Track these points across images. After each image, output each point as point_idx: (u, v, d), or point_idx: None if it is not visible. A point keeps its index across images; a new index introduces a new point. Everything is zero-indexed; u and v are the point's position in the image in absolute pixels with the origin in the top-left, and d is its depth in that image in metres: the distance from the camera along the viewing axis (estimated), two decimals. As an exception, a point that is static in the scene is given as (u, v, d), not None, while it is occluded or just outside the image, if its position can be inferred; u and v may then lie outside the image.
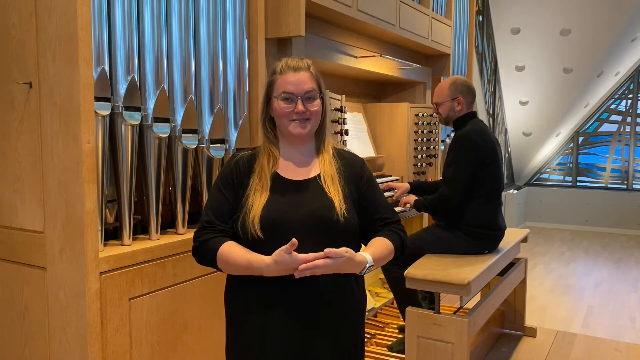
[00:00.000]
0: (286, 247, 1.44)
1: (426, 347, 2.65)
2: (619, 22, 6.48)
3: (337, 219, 1.55)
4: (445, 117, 3.17)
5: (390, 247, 1.63)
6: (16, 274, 1.94)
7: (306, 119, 1.62)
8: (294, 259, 1.44)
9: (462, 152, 2.99)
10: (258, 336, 1.59)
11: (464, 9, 4.80)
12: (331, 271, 1.48)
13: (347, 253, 1.48)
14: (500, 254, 3.10)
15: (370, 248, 1.61)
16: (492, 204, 3.07)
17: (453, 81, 3.15)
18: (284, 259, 1.44)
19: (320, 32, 3.04)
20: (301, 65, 1.64)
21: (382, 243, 1.63)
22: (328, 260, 1.45)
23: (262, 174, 1.63)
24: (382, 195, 1.73)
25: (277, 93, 1.62)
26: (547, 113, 7.89)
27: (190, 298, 2.12)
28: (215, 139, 2.28)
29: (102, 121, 1.86)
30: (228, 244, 1.57)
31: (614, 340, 3.85)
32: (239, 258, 1.53)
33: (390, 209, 1.72)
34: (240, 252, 1.54)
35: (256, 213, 1.56)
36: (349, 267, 1.50)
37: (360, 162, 1.74)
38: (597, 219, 8.49)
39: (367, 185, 1.69)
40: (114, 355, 1.84)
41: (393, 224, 1.69)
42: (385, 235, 1.65)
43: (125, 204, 1.95)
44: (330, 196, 1.59)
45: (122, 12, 1.89)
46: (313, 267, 1.44)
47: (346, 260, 1.48)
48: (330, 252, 1.45)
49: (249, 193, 1.61)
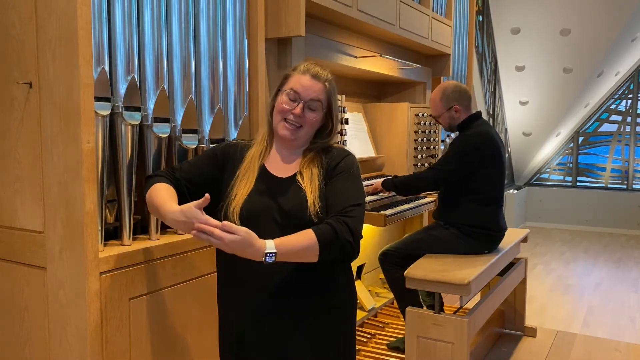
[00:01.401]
0: (198, 202, 1.42)
1: (426, 347, 2.65)
2: (619, 22, 6.48)
3: (310, 218, 1.55)
4: (448, 126, 3.19)
5: (310, 239, 1.47)
6: (16, 274, 1.94)
7: (299, 125, 1.62)
8: (197, 214, 1.40)
9: (458, 152, 3.01)
10: (237, 330, 1.64)
11: (464, 9, 4.80)
12: (227, 249, 1.38)
13: (246, 234, 1.37)
14: (500, 254, 3.10)
15: (284, 238, 1.47)
16: (493, 205, 3.08)
17: (442, 91, 3.13)
18: (189, 210, 1.42)
19: (320, 32, 3.04)
20: (322, 75, 1.64)
21: (301, 234, 1.48)
22: (223, 233, 1.35)
23: (250, 165, 1.66)
24: (344, 190, 1.59)
25: (286, 88, 1.63)
26: (547, 113, 7.89)
27: (190, 298, 2.12)
28: (215, 139, 2.28)
29: (102, 121, 1.86)
30: (167, 185, 1.62)
31: (614, 340, 3.85)
32: (160, 196, 1.57)
33: (345, 201, 1.56)
34: (165, 194, 1.58)
35: (238, 203, 1.58)
36: (244, 249, 1.38)
37: (343, 154, 1.68)
38: (597, 219, 8.49)
39: (333, 176, 1.62)
40: (114, 355, 1.84)
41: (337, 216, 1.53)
42: (314, 227, 1.50)
43: (125, 204, 1.95)
44: (305, 193, 1.58)
45: (122, 12, 1.89)
46: (209, 232, 1.35)
47: (242, 240, 1.37)
48: (227, 225, 1.36)
49: (234, 183, 1.63)
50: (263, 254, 1.41)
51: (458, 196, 3.07)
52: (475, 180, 3.01)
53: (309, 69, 1.64)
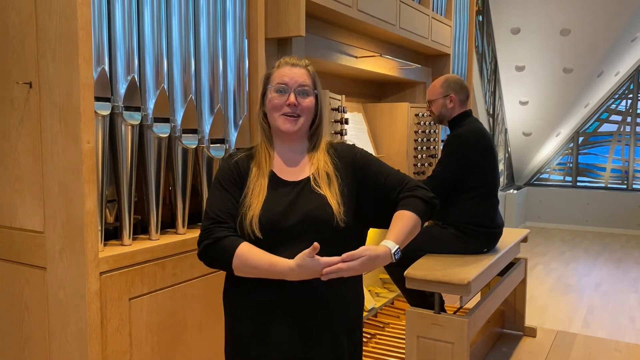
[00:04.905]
0: (308, 251, 1.41)
1: (426, 347, 2.65)
2: (619, 22, 6.48)
3: (337, 224, 1.54)
4: (438, 114, 3.19)
5: (412, 217, 1.57)
6: (16, 274, 1.94)
7: (297, 115, 1.61)
8: (316, 263, 1.41)
9: (453, 151, 3.02)
10: (257, 339, 1.59)
11: (464, 9, 4.80)
12: (357, 272, 1.45)
13: (367, 251, 1.44)
14: (500, 253, 3.10)
15: (392, 232, 1.55)
16: (488, 202, 3.08)
17: (446, 79, 3.19)
18: (306, 262, 1.41)
19: (320, 32, 3.04)
20: (299, 62, 1.65)
21: (401, 218, 1.57)
22: (351, 263, 1.42)
23: (259, 173, 1.62)
24: (383, 170, 1.67)
25: (272, 84, 1.63)
26: (547, 113, 7.89)
27: (190, 298, 2.12)
28: (215, 139, 2.28)
29: (102, 121, 1.86)
30: (246, 244, 1.53)
31: (614, 340, 3.85)
32: (261, 259, 1.49)
33: (399, 175, 1.66)
34: (261, 254, 1.50)
35: (255, 213, 1.54)
36: (374, 263, 1.46)
37: (352, 149, 1.71)
38: (597, 219, 8.49)
39: (363, 166, 1.65)
40: (114, 355, 1.84)
41: (406, 189, 1.63)
42: (403, 206, 1.59)
43: (125, 204, 1.95)
44: (326, 198, 1.56)
45: (122, 12, 1.89)
46: (337, 270, 1.42)
47: (369, 259, 1.44)
48: (348, 256, 1.42)
49: (247, 192, 1.60)
50: (391, 255, 1.50)
51: (453, 195, 3.07)
52: (470, 178, 3.02)
53: (285, 61, 1.65)
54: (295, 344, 1.57)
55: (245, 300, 1.60)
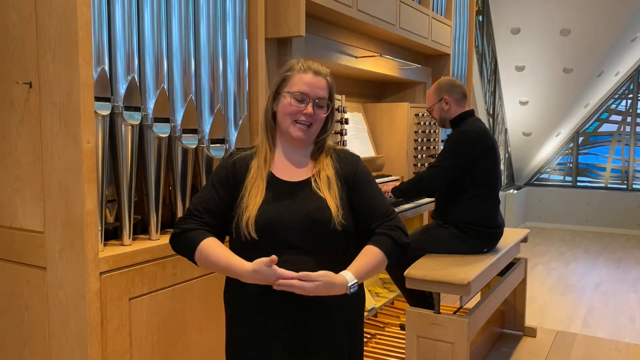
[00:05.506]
0: (266, 260, 1.43)
1: (426, 347, 2.65)
2: (619, 22, 6.48)
3: (335, 227, 1.54)
4: (439, 119, 3.24)
5: (379, 256, 1.56)
6: (16, 274, 1.94)
7: (309, 124, 1.61)
8: (272, 272, 1.44)
9: (454, 146, 3.03)
10: (257, 339, 1.59)
11: (464, 9, 4.81)
12: (309, 294, 1.45)
13: (324, 277, 1.44)
14: (500, 253, 3.10)
15: (355, 264, 1.54)
16: (489, 202, 3.08)
17: (437, 84, 3.25)
18: (262, 270, 1.44)
19: (320, 32, 3.04)
20: (322, 71, 1.63)
21: (367, 254, 1.56)
22: (304, 283, 1.43)
23: (257, 174, 1.61)
24: (376, 195, 1.65)
25: (291, 89, 1.60)
26: (547, 113, 7.89)
27: (190, 298, 2.12)
28: (215, 139, 2.28)
29: (102, 121, 1.86)
30: (212, 239, 1.56)
31: (614, 340, 3.85)
32: (220, 257, 1.52)
33: (384, 207, 1.63)
34: (222, 252, 1.53)
35: (251, 214, 1.54)
36: (328, 290, 1.46)
37: (356, 160, 1.70)
38: (597, 219, 8.48)
39: (359, 181, 1.65)
40: (114, 355, 1.84)
41: (385, 223, 1.61)
42: (374, 242, 1.58)
43: (125, 204, 1.95)
44: (325, 201, 1.56)
45: (122, 12, 1.89)
46: (289, 285, 1.43)
47: (324, 284, 1.44)
48: (304, 275, 1.43)
49: (244, 193, 1.59)
50: (347, 288, 1.49)
51: (454, 195, 3.07)
52: (471, 178, 3.02)
53: (309, 66, 1.61)
54: (295, 344, 1.57)
55: (245, 300, 1.60)
